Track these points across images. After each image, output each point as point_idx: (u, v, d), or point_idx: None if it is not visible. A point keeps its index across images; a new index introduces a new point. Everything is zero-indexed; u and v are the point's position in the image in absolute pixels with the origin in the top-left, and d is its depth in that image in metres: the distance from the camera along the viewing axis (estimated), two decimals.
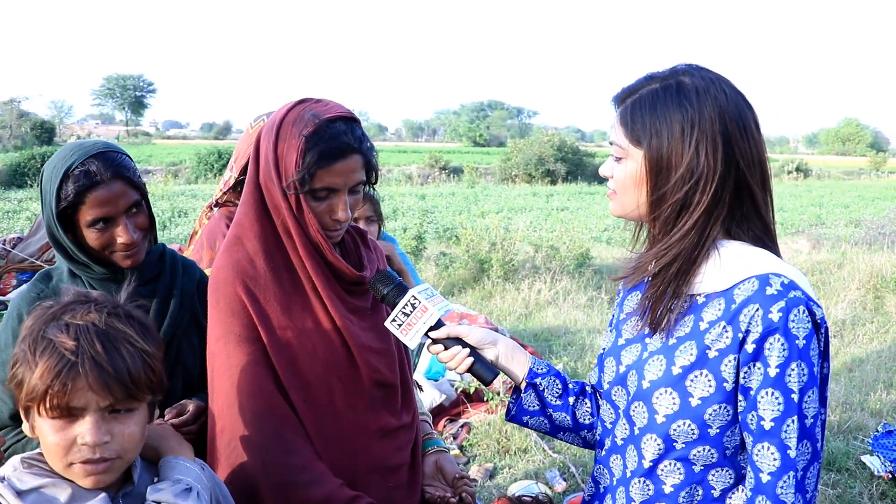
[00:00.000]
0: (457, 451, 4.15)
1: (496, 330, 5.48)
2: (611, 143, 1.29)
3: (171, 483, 1.20)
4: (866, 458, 3.93)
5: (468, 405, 4.66)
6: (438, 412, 4.53)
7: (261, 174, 1.45)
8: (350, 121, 1.44)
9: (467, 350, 1.41)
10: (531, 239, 9.96)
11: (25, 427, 1.16)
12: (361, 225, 2.97)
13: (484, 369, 1.42)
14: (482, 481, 3.82)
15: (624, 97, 1.26)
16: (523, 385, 1.46)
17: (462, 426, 4.44)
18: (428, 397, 4.44)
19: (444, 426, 4.44)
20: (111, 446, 1.11)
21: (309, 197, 1.42)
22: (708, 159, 1.16)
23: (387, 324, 1.42)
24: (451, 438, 4.29)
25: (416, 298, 1.41)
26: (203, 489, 1.23)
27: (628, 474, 1.29)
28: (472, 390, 4.70)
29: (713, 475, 1.22)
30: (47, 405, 1.07)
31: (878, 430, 4.27)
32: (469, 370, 1.42)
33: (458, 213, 15.48)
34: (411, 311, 1.40)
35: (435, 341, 1.42)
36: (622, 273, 1.36)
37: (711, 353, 1.18)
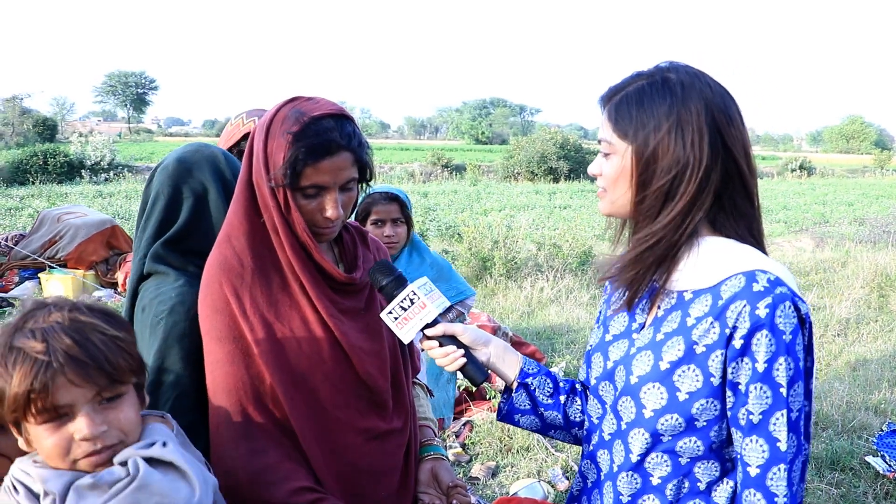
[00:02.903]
0: (459, 450, 4.14)
1: (498, 328, 5.47)
2: (599, 142, 1.31)
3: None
4: (871, 458, 3.92)
5: (471, 403, 4.65)
6: None
7: (253, 173, 1.46)
8: (340, 118, 1.43)
9: (461, 350, 1.42)
10: (534, 237, 9.96)
11: (21, 443, 1.14)
12: (388, 228, 2.91)
13: (475, 369, 1.42)
14: (484, 480, 3.81)
15: (611, 95, 1.29)
16: (514, 385, 1.48)
17: (464, 424, 4.43)
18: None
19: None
20: (110, 434, 1.11)
21: (299, 195, 1.42)
22: (694, 149, 1.18)
23: (382, 315, 1.42)
24: (454, 437, 4.28)
25: (415, 293, 1.40)
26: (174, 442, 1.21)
27: (615, 469, 1.31)
28: (474, 388, 4.69)
29: (699, 468, 1.24)
30: (33, 410, 1.06)
31: (882, 430, 4.25)
32: (461, 369, 1.42)
33: (461, 211, 15.42)
34: (409, 306, 1.40)
35: (429, 338, 1.43)
36: (606, 272, 1.37)
37: (699, 349, 1.19)
